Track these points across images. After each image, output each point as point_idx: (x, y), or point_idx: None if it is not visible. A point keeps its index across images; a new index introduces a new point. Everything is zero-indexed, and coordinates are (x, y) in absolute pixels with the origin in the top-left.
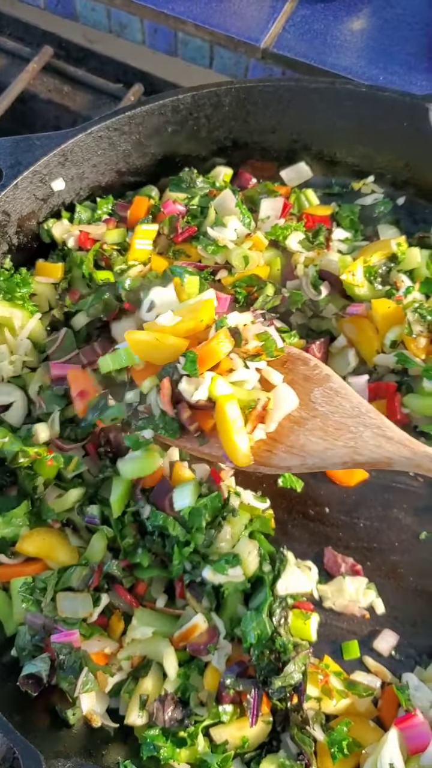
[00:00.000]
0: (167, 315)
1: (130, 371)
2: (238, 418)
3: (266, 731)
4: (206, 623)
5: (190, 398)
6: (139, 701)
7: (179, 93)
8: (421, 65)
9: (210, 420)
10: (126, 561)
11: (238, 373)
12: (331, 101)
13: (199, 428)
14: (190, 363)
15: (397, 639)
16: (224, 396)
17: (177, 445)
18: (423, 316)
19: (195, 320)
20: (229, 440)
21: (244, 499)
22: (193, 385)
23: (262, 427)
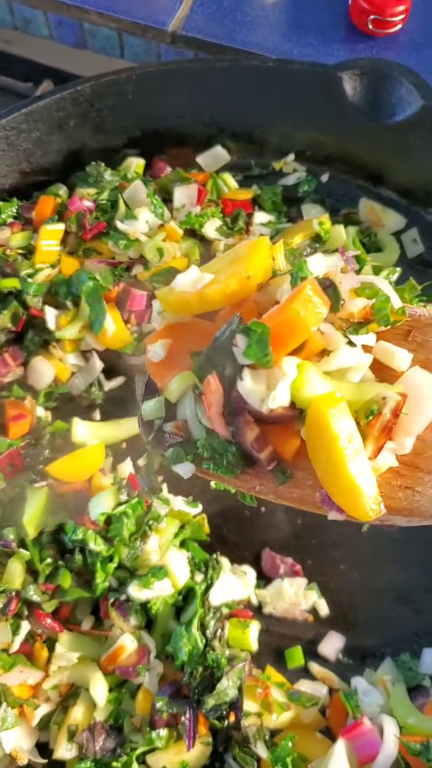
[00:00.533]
0: (191, 272)
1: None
2: (352, 435)
3: (207, 753)
4: (135, 643)
5: (260, 407)
6: (67, 733)
7: (77, 84)
8: (337, 34)
9: (293, 440)
10: (46, 584)
11: (341, 357)
12: (239, 80)
13: (276, 456)
14: (258, 344)
15: (344, 641)
16: (323, 398)
17: (238, 487)
18: None
19: (238, 277)
20: (341, 476)
21: (174, 505)
22: (263, 383)
23: (391, 447)
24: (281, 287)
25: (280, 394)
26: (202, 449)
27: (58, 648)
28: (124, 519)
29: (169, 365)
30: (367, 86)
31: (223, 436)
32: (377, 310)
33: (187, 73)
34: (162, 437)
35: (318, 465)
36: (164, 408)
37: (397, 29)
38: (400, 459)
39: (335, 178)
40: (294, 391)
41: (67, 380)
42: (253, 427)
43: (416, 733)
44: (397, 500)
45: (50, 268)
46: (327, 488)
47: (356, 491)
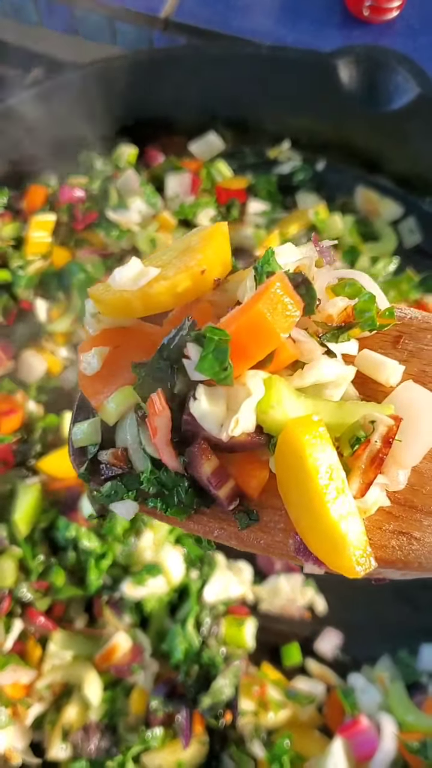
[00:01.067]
0: (132, 265)
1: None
2: (333, 469)
3: (203, 752)
4: (129, 641)
5: (218, 433)
6: (61, 732)
7: (68, 73)
8: (332, 20)
9: (260, 472)
10: (39, 582)
11: (317, 369)
12: (233, 67)
13: (238, 492)
14: (215, 355)
15: (341, 638)
16: (297, 422)
17: (193, 531)
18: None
19: (190, 272)
20: (319, 521)
21: None
22: (221, 404)
23: (381, 483)
24: (243, 284)
25: (244, 417)
26: (147, 484)
27: (52, 647)
28: (117, 516)
29: (106, 379)
30: (362, 73)
31: (173, 468)
32: (360, 312)
33: (179, 61)
34: (97, 468)
35: (291, 505)
36: (100, 432)
37: (394, 16)
38: (393, 497)
39: (331, 167)
40: (260, 413)
41: (59, 374)
42: (209, 457)
43: (415, 730)
44: (390, 549)
45: (41, 260)
46: (303, 534)
47: (339, 541)
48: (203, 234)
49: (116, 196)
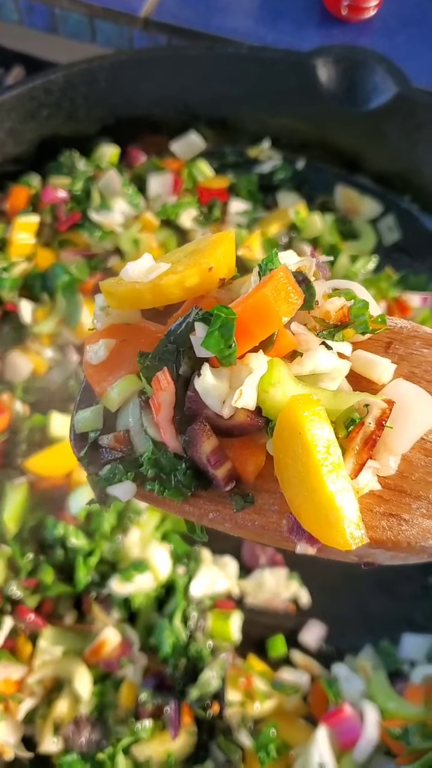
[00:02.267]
0: (144, 260)
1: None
2: (330, 446)
3: (191, 742)
4: (117, 636)
5: (220, 409)
6: (52, 726)
7: (50, 74)
8: (311, 19)
9: (257, 457)
10: (28, 580)
11: (314, 359)
12: (213, 67)
13: (235, 475)
14: (222, 332)
15: (325, 629)
16: (298, 399)
17: (187, 515)
18: None
19: (199, 268)
20: (316, 494)
21: None
22: (225, 381)
23: (373, 467)
24: (247, 282)
25: (247, 390)
26: (147, 466)
27: (42, 643)
28: (104, 513)
29: (111, 369)
30: (341, 73)
31: (173, 448)
32: (355, 317)
33: (160, 61)
34: (97, 453)
35: (287, 483)
36: (102, 418)
37: (372, 15)
38: (383, 482)
39: (311, 166)
40: (261, 391)
41: (45, 374)
42: (210, 435)
43: (396, 717)
44: (380, 530)
45: (25, 262)
46: (297, 512)
47: (334, 513)
48: (212, 239)
49: (99, 196)
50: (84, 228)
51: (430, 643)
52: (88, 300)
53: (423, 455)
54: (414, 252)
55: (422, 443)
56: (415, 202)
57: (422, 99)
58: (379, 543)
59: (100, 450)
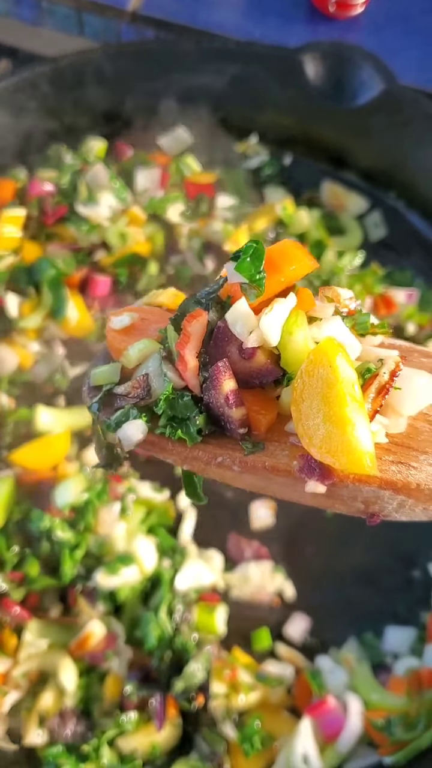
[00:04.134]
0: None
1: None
2: (354, 384)
3: (176, 734)
4: (103, 629)
5: (246, 338)
6: (37, 719)
7: (36, 67)
8: (298, 15)
9: (270, 410)
10: (13, 572)
11: (332, 326)
12: (200, 61)
13: (247, 424)
14: (253, 259)
15: (309, 622)
16: (329, 340)
17: (193, 462)
18: (310, 281)
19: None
20: (339, 423)
21: (141, 492)
22: (254, 317)
23: (383, 422)
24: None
25: (273, 319)
26: (162, 404)
27: (27, 636)
28: (90, 507)
29: (132, 334)
30: (328, 69)
31: (192, 386)
32: (358, 321)
33: (148, 55)
34: (111, 400)
35: (306, 419)
36: (119, 374)
37: (359, 12)
38: (391, 439)
39: (298, 162)
40: (285, 332)
41: (30, 367)
42: (231, 375)
43: (380, 708)
44: (390, 473)
45: (12, 255)
46: (316, 445)
47: (354, 441)
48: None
49: (86, 190)
50: (71, 222)
51: (413, 636)
52: (74, 294)
53: (428, 424)
54: (400, 248)
55: (426, 416)
56: (401, 199)
57: (408, 96)
58: (389, 484)
59: (114, 399)
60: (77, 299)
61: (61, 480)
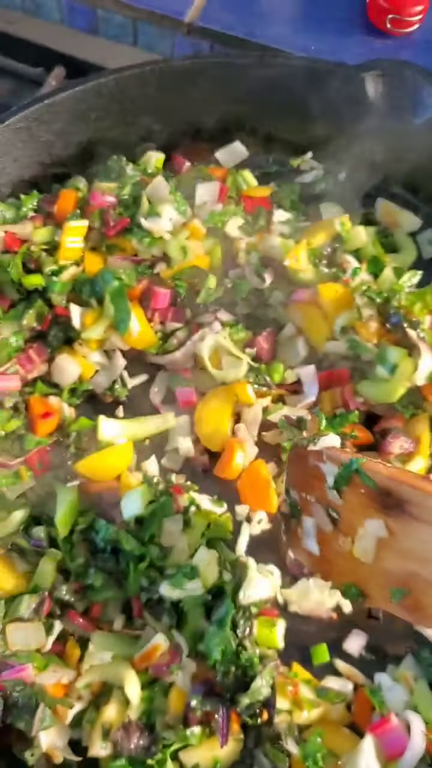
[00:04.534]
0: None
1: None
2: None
3: (238, 749)
4: (167, 642)
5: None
6: (101, 731)
7: (101, 77)
8: (353, 31)
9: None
10: (78, 583)
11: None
12: (262, 76)
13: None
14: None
15: (366, 638)
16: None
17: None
18: (372, 298)
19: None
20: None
21: (201, 504)
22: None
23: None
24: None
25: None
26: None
27: (90, 647)
28: (154, 519)
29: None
30: (388, 87)
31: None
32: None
33: (210, 69)
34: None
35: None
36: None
37: (415, 28)
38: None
39: (353, 178)
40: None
41: (91, 377)
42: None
43: None
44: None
45: (74, 266)
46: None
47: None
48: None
49: (147, 202)
50: (132, 233)
51: None
52: (135, 306)
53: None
54: None
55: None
56: None
57: None
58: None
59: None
60: (138, 311)
61: (125, 491)
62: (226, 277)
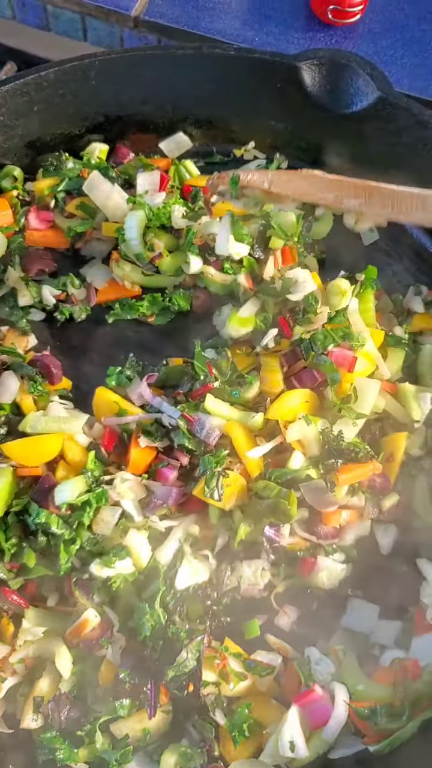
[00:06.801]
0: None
1: None
2: None
3: (167, 721)
4: (98, 617)
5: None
6: (33, 703)
7: (41, 70)
8: (297, 23)
9: None
10: (12, 563)
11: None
12: (201, 67)
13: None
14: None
15: (297, 613)
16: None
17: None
18: None
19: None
20: None
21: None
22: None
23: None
24: None
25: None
26: None
27: (25, 623)
28: (87, 508)
29: None
30: (325, 76)
31: None
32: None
33: (150, 60)
34: None
35: None
36: None
37: (356, 19)
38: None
39: (294, 166)
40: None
41: None
42: None
43: (365, 698)
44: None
45: None
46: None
47: None
48: None
49: None
50: None
51: (399, 629)
52: None
53: None
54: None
55: None
56: None
57: (403, 103)
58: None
59: None
60: None
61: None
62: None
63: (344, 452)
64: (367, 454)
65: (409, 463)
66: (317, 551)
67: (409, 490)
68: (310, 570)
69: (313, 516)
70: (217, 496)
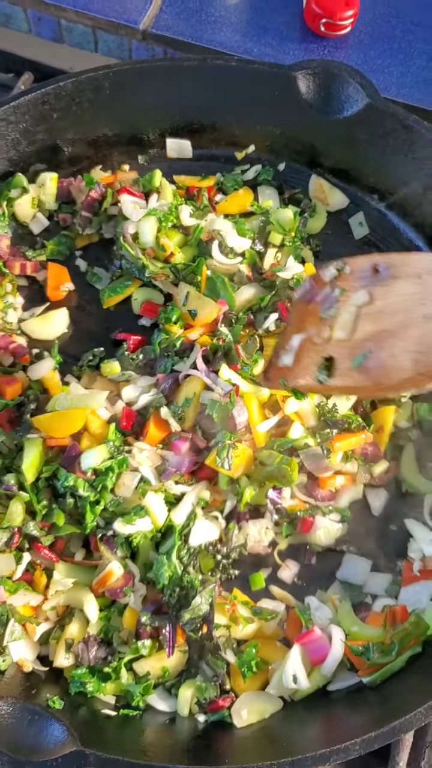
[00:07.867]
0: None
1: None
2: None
3: (184, 660)
4: (121, 569)
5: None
6: (65, 645)
7: (60, 81)
8: (293, 35)
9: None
10: (43, 522)
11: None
12: (205, 77)
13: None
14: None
15: (298, 567)
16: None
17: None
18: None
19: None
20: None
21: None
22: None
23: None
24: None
25: None
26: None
27: (56, 575)
28: (110, 473)
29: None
30: (318, 85)
31: None
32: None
33: (158, 71)
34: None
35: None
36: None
37: (347, 31)
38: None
39: (291, 167)
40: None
41: None
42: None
43: (359, 638)
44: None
45: None
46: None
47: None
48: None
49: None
50: None
51: (389, 581)
52: None
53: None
54: (381, 245)
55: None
56: (382, 201)
57: (390, 109)
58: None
59: None
60: None
61: (86, 447)
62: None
63: (338, 423)
64: (359, 425)
65: (397, 434)
66: (315, 512)
67: (398, 458)
68: (309, 528)
69: (311, 481)
70: (227, 466)
